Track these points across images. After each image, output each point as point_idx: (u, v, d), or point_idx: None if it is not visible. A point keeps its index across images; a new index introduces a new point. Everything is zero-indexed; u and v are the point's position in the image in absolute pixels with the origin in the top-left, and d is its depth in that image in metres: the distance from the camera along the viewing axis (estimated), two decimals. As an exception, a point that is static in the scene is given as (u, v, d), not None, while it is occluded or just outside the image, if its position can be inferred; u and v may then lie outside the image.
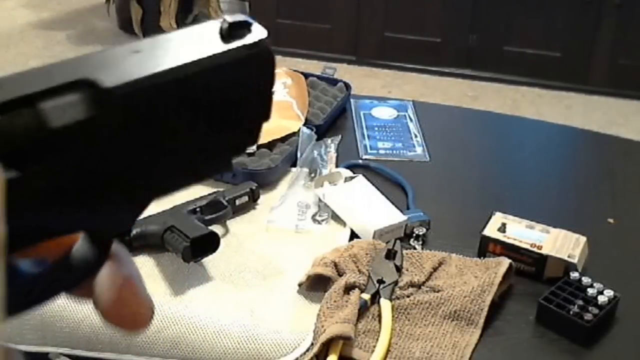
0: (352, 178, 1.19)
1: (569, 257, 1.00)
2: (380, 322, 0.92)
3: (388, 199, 1.14)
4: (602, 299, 0.94)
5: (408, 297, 0.96)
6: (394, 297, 0.95)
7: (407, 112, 1.50)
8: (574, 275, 0.98)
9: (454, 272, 1.00)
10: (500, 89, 3.47)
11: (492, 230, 1.05)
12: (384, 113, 1.49)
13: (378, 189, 1.17)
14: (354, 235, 1.09)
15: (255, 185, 1.15)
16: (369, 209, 1.12)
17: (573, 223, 1.09)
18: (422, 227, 1.10)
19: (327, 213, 1.12)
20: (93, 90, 0.25)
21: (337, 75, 1.55)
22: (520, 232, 1.05)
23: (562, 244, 1.03)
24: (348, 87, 1.50)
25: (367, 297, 0.94)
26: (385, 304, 0.93)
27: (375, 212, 1.11)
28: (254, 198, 1.15)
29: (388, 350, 0.88)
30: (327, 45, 3.61)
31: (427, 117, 1.48)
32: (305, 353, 0.88)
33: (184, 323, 0.92)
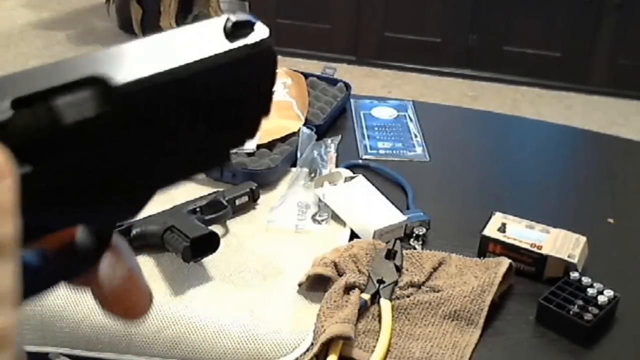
0: (352, 178, 1.19)
1: (569, 257, 1.00)
2: (380, 322, 0.92)
3: (388, 199, 1.14)
4: (602, 299, 0.94)
5: (408, 297, 0.96)
6: (394, 297, 0.95)
7: (407, 112, 1.50)
8: (574, 275, 0.98)
9: (454, 272, 1.00)
10: (500, 89, 3.47)
11: (492, 230, 1.05)
12: (384, 113, 1.49)
13: (378, 189, 1.17)
14: (354, 235, 1.09)
15: (255, 185, 1.15)
16: (369, 209, 1.12)
17: (573, 223, 1.09)
18: (422, 227, 1.10)
19: (327, 213, 1.12)
20: (103, 88, 0.26)
21: (337, 75, 1.55)
22: (520, 232, 1.05)
23: (562, 244, 1.03)
24: (348, 87, 1.50)
25: (367, 297, 0.94)
26: (385, 304, 0.93)
27: (375, 212, 1.11)
28: (254, 198, 1.15)
29: (388, 350, 0.88)
30: (327, 45, 3.61)
31: (427, 117, 1.48)
32: (305, 353, 0.88)
33: (184, 323, 0.92)
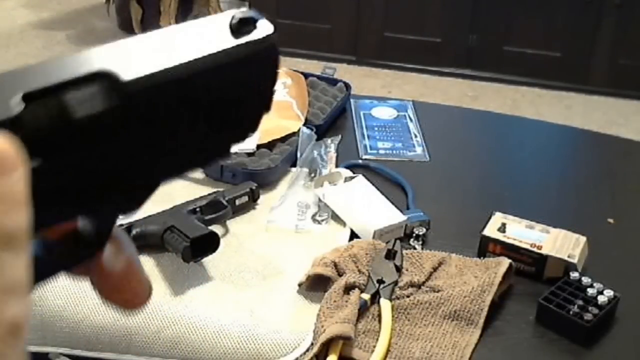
0: (352, 178, 1.19)
1: (569, 257, 1.00)
2: (380, 322, 0.92)
3: (388, 199, 1.14)
4: (602, 299, 0.94)
5: (408, 297, 0.96)
6: (394, 297, 0.95)
7: (407, 112, 1.50)
8: (574, 275, 0.98)
9: (454, 272, 1.00)
10: (500, 89, 3.47)
11: (492, 230, 1.05)
12: (384, 113, 1.49)
13: (378, 189, 1.17)
14: (354, 235, 1.09)
15: (255, 185, 1.15)
16: (369, 209, 1.11)
17: (573, 223, 1.09)
18: (422, 227, 1.10)
19: (327, 213, 1.12)
20: (113, 83, 0.26)
21: (337, 75, 1.55)
22: (520, 232, 1.05)
23: (562, 244, 1.03)
24: (348, 87, 1.50)
25: (367, 297, 0.94)
26: (385, 304, 0.93)
27: (375, 212, 1.11)
28: (254, 198, 1.15)
29: (388, 350, 0.88)
30: (327, 45, 3.61)
31: (427, 117, 1.48)
32: (305, 353, 0.88)
33: (184, 323, 0.92)
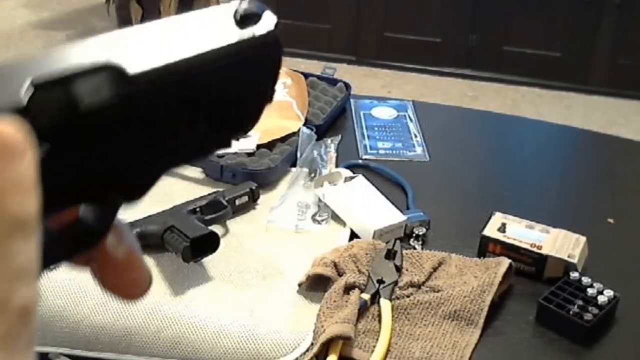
0: (352, 178, 1.19)
1: (569, 257, 1.00)
2: (380, 322, 0.92)
3: (388, 199, 1.14)
4: (602, 299, 0.94)
5: (408, 297, 0.96)
6: (394, 297, 0.95)
7: (407, 112, 1.50)
8: (574, 275, 0.98)
9: (454, 272, 1.00)
10: (500, 89, 3.47)
11: (492, 230, 1.05)
12: (384, 113, 1.49)
13: (378, 189, 1.16)
14: (354, 235, 1.09)
15: (255, 185, 1.15)
16: (369, 209, 1.11)
17: (573, 223, 1.09)
18: (422, 227, 1.10)
19: (327, 213, 1.12)
20: (118, 75, 0.26)
21: (337, 75, 1.55)
22: (520, 232, 1.05)
23: (562, 244, 1.03)
24: (348, 87, 1.50)
25: (367, 297, 0.94)
26: (385, 304, 0.93)
27: (375, 212, 1.11)
28: (254, 198, 1.15)
29: (388, 350, 0.88)
30: (327, 45, 3.61)
31: (427, 117, 1.48)
32: (305, 353, 0.88)
33: (184, 323, 0.92)
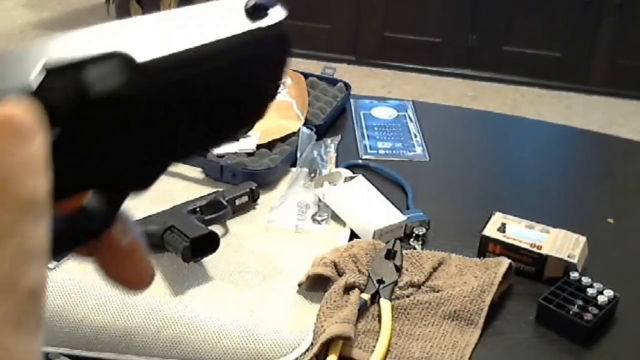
0: (352, 178, 1.19)
1: (569, 257, 1.00)
2: (380, 322, 0.92)
3: (388, 199, 1.14)
4: (602, 299, 0.94)
5: (408, 297, 0.96)
6: (394, 297, 0.95)
7: (406, 112, 1.50)
8: (574, 275, 0.98)
9: (454, 272, 1.00)
10: (500, 89, 3.47)
11: (492, 230, 1.05)
12: (384, 113, 1.49)
13: (378, 189, 1.16)
14: (354, 235, 1.09)
15: (255, 185, 1.15)
16: (369, 209, 1.11)
17: (573, 223, 1.09)
18: (421, 227, 1.10)
19: (326, 213, 1.12)
20: (127, 63, 0.26)
21: (336, 75, 1.55)
22: (520, 232, 1.05)
23: (562, 244, 1.03)
24: (348, 87, 1.50)
25: (367, 297, 0.94)
26: (385, 304, 0.93)
27: (375, 212, 1.11)
28: (254, 198, 1.15)
29: (388, 350, 0.88)
30: (327, 45, 3.61)
31: (427, 117, 1.48)
32: (305, 353, 0.88)
33: (184, 323, 0.92)
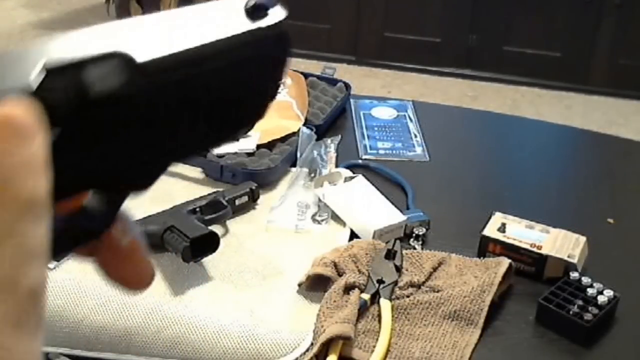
0: (352, 178, 1.19)
1: (569, 257, 1.00)
2: (380, 322, 0.92)
3: (388, 199, 1.14)
4: (602, 299, 0.94)
5: (408, 297, 0.96)
6: (394, 297, 0.95)
7: (406, 112, 1.50)
8: (574, 275, 0.98)
9: (454, 272, 1.00)
10: (500, 89, 3.47)
11: (492, 230, 1.05)
12: (384, 113, 1.49)
13: (378, 189, 1.16)
14: (354, 235, 1.09)
15: (255, 185, 1.15)
16: (369, 209, 1.11)
17: (573, 223, 1.09)
18: (421, 227, 1.10)
19: (326, 213, 1.12)
20: (127, 63, 0.26)
21: (336, 75, 1.55)
22: (520, 232, 1.05)
23: (562, 244, 1.03)
24: (348, 87, 1.50)
25: (366, 297, 0.94)
26: (385, 304, 0.93)
27: (375, 212, 1.11)
28: (254, 198, 1.15)
29: (388, 350, 0.88)
30: (326, 45, 3.61)
31: (427, 117, 1.48)
32: (305, 353, 0.88)
33: (184, 323, 0.92)
